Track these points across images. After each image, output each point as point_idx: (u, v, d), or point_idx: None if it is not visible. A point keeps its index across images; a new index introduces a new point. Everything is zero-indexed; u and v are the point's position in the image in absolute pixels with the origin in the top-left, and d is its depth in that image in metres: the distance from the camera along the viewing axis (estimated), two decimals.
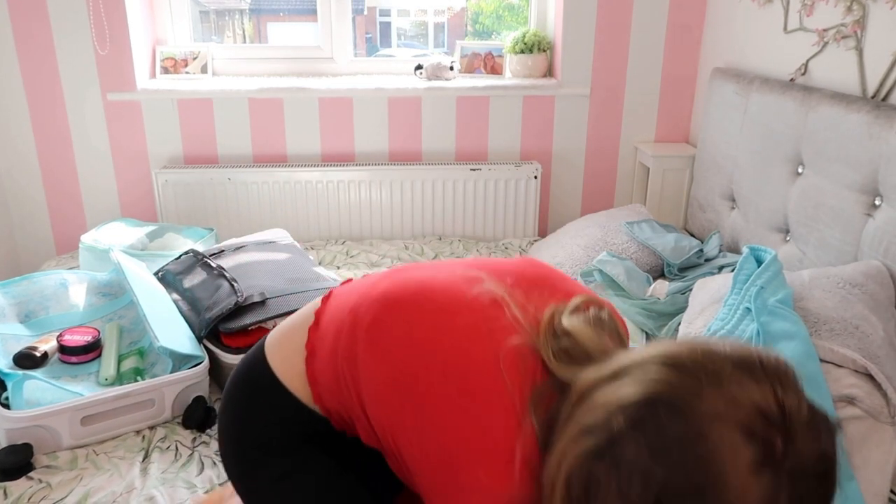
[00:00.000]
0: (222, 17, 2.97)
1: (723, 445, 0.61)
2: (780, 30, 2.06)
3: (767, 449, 0.61)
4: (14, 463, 1.26)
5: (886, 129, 1.52)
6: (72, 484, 1.24)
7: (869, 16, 1.70)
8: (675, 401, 0.64)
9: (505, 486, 0.75)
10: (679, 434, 0.63)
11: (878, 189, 1.57)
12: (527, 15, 2.82)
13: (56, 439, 1.34)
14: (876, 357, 1.29)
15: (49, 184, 2.57)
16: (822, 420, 0.65)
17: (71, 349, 1.60)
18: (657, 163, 2.56)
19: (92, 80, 2.47)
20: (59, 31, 2.40)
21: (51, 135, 2.52)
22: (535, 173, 2.57)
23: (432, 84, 2.58)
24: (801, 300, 1.44)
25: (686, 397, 0.64)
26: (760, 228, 2.01)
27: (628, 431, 0.64)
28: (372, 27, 3.21)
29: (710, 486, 0.61)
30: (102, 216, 2.59)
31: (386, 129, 2.62)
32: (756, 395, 0.63)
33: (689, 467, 0.62)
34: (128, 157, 2.57)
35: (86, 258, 2.10)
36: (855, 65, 1.74)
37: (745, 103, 2.10)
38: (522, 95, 2.61)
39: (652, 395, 0.65)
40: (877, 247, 1.54)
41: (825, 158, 1.71)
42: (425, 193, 2.56)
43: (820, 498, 0.64)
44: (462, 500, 0.77)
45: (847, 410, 1.23)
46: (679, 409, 0.64)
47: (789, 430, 0.62)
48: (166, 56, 2.61)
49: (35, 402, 1.37)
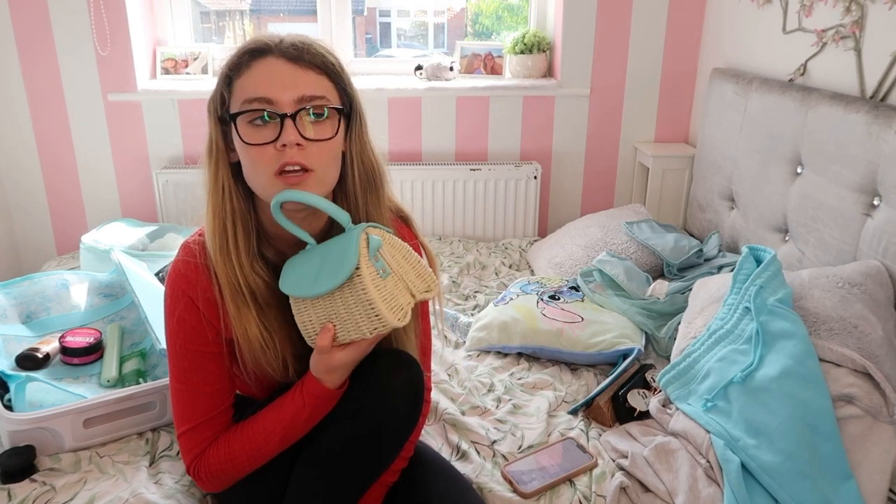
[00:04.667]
0: (223, 18, 2.97)
1: None
2: (779, 30, 2.07)
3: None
4: (17, 465, 1.26)
5: (885, 129, 1.52)
6: (76, 487, 1.24)
7: (868, 16, 1.70)
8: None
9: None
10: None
11: (876, 189, 1.57)
12: (527, 15, 2.83)
13: (58, 441, 1.34)
14: (875, 356, 1.30)
15: (50, 184, 2.57)
16: None
17: (73, 350, 1.60)
18: (657, 163, 2.56)
19: (92, 81, 2.47)
20: (59, 31, 2.41)
21: (51, 135, 2.52)
22: (535, 173, 2.58)
23: (432, 84, 2.58)
24: (801, 300, 1.45)
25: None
26: (760, 228, 2.01)
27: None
28: (372, 27, 3.21)
29: None
30: (103, 216, 2.59)
31: (386, 130, 2.62)
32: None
33: None
34: (128, 158, 2.58)
35: (86, 258, 2.10)
36: (854, 65, 1.75)
37: (745, 103, 2.10)
38: (522, 96, 2.61)
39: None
40: (876, 246, 1.55)
41: (824, 158, 1.72)
42: (425, 193, 2.57)
43: None
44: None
45: (846, 409, 1.23)
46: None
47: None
48: (167, 57, 2.61)
49: (37, 404, 1.37)
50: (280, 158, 0.95)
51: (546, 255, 2.26)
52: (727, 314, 1.46)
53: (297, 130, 0.96)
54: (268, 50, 0.98)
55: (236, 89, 0.98)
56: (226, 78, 1.00)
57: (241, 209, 1.02)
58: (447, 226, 2.61)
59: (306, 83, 0.97)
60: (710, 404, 1.30)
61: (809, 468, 1.15)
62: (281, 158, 0.96)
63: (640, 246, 2.11)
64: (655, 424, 1.40)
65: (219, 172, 1.01)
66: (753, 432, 1.21)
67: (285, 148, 0.95)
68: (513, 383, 1.60)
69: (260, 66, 0.97)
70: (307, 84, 0.98)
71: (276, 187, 0.97)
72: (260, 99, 0.96)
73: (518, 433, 1.41)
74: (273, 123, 0.96)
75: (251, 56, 0.98)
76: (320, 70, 0.99)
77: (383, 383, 1.01)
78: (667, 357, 1.64)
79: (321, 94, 0.98)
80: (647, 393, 1.49)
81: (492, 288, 2.15)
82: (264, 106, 0.96)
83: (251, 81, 0.97)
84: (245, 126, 0.97)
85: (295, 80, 0.97)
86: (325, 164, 0.99)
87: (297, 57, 0.98)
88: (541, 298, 1.83)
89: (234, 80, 0.98)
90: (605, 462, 1.32)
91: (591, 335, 1.67)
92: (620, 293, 1.86)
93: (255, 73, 0.97)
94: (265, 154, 0.96)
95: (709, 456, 1.23)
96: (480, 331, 1.77)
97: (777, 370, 1.27)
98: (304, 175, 0.97)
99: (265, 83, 0.96)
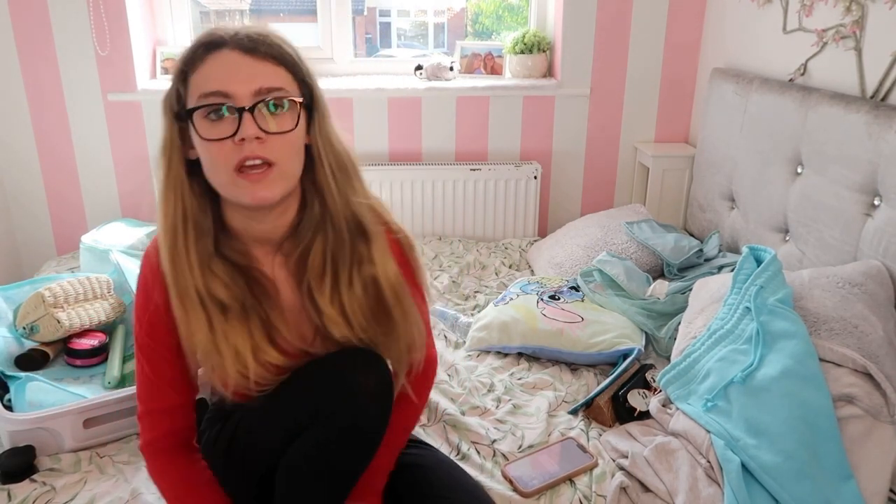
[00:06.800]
0: (222, 18, 2.97)
1: None
2: (779, 30, 2.07)
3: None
4: (17, 465, 1.26)
5: (886, 129, 1.52)
6: (76, 487, 1.24)
7: (868, 16, 1.70)
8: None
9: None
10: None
11: (877, 189, 1.57)
12: (527, 15, 2.82)
13: (58, 441, 1.34)
14: (875, 356, 1.30)
15: (49, 184, 2.57)
16: None
17: (77, 352, 1.60)
18: (657, 163, 2.56)
19: (92, 81, 2.47)
20: (59, 31, 2.40)
21: (51, 135, 2.52)
22: (535, 173, 2.58)
23: (432, 84, 2.58)
24: (801, 300, 1.45)
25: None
26: (760, 228, 2.01)
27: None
28: (372, 27, 3.21)
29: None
30: (103, 216, 2.59)
31: (386, 130, 2.62)
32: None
33: None
34: (128, 158, 2.58)
35: (86, 258, 2.10)
36: (854, 65, 1.75)
37: (745, 103, 2.10)
38: (522, 96, 2.61)
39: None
40: (876, 246, 1.55)
41: (824, 158, 1.72)
42: (425, 193, 2.57)
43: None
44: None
45: (846, 409, 1.23)
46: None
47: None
48: (167, 56, 2.61)
49: (38, 404, 1.37)
50: (239, 153, 0.93)
51: (546, 255, 2.26)
52: (727, 314, 1.46)
53: (256, 123, 0.93)
54: (222, 43, 0.95)
55: (192, 84, 0.95)
56: (181, 73, 0.97)
57: (194, 208, 0.99)
58: (447, 226, 2.61)
59: (264, 75, 0.95)
60: (711, 404, 1.30)
61: (810, 468, 1.15)
62: (240, 153, 0.93)
63: (641, 246, 2.11)
64: (655, 424, 1.40)
65: (171, 171, 0.98)
66: (754, 432, 1.21)
67: (244, 142, 0.92)
68: (513, 383, 1.60)
69: (215, 60, 0.94)
70: (265, 76, 0.95)
71: (238, 185, 0.94)
72: (216, 93, 0.93)
73: (518, 433, 1.41)
74: (231, 118, 0.93)
75: (205, 49, 0.95)
76: (277, 61, 0.97)
77: (352, 387, 0.99)
78: (667, 357, 1.64)
79: (279, 85, 0.95)
80: (647, 393, 1.49)
81: (492, 288, 2.15)
82: (221, 100, 0.93)
83: (206, 75, 0.94)
84: (202, 121, 0.94)
85: (251, 72, 0.94)
86: (287, 156, 0.96)
87: (253, 49, 0.95)
88: (541, 298, 1.83)
89: (190, 74, 0.95)
90: (606, 462, 1.32)
91: (591, 335, 1.67)
92: (620, 293, 1.86)
93: (210, 67, 0.94)
94: (224, 149, 0.93)
95: (709, 456, 1.23)
96: (480, 331, 1.77)
97: (777, 370, 1.27)
98: (266, 170, 0.94)
99: (221, 76, 0.93)
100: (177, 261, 0.98)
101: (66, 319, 1.60)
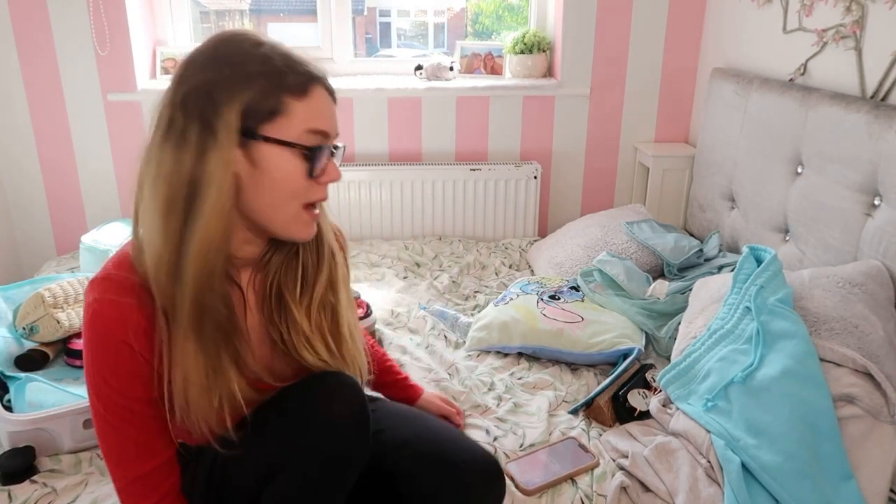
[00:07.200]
0: (222, 18, 2.97)
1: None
2: (779, 30, 2.07)
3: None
4: (17, 466, 1.26)
5: (886, 128, 1.52)
6: (77, 489, 1.24)
7: (868, 16, 1.70)
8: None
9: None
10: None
11: (877, 189, 1.57)
12: (527, 15, 2.82)
13: (58, 442, 1.33)
14: (876, 356, 1.30)
15: (49, 184, 2.57)
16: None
17: (77, 352, 1.60)
18: (657, 163, 2.56)
19: (92, 81, 2.47)
20: (59, 31, 2.40)
21: (51, 135, 2.51)
22: (535, 173, 2.58)
23: (432, 84, 2.58)
24: (801, 299, 1.45)
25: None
26: (760, 228, 2.01)
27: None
28: (372, 27, 3.21)
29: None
30: (103, 216, 2.59)
31: (386, 130, 2.62)
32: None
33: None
34: (128, 158, 2.57)
35: (86, 259, 2.10)
36: (854, 65, 1.75)
37: (745, 103, 2.10)
38: (522, 96, 2.61)
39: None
40: (876, 246, 1.55)
41: (825, 158, 1.72)
42: (425, 193, 2.57)
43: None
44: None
45: (847, 409, 1.23)
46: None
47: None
48: (167, 56, 2.61)
49: (37, 405, 1.37)
50: (321, 192, 0.97)
51: (546, 255, 2.26)
52: (727, 314, 1.46)
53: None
54: (319, 79, 0.94)
55: (294, 111, 0.90)
56: (276, 90, 0.89)
57: (229, 230, 0.93)
58: (447, 226, 2.61)
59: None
60: (711, 404, 1.30)
61: (810, 468, 1.15)
62: (321, 192, 0.97)
63: (641, 246, 2.11)
64: (656, 424, 1.40)
65: (222, 193, 0.88)
66: (754, 432, 1.21)
67: (322, 183, 0.96)
68: (513, 383, 1.60)
69: (318, 95, 0.93)
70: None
71: (302, 221, 0.96)
72: (322, 133, 0.94)
73: (519, 431, 1.41)
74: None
75: (310, 80, 0.92)
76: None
77: (326, 414, 0.95)
78: (667, 357, 1.64)
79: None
80: (647, 393, 1.49)
81: (492, 288, 2.15)
82: (323, 140, 0.94)
83: (317, 111, 0.93)
84: (298, 154, 0.92)
85: (336, 116, 0.97)
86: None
87: (332, 92, 0.97)
88: (541, 298, 1.83)
89: (288, 98, 0.90)
90: (606, 462, 1.32)
91: (591, 335, 1.67)
92: (620, 293, 1.86)
93: (319, 103, 0.93)
94: (304, 184, 0.94)
95: (709, 456, 1.23)
96: (480, 331, 1.77)
97: (778, 370, 1.27)
98: (321, 209, 1.01)
99: (326, 116, 0.94)
100: (203, 286, 0.90)
101: (65, 320, 1.60)
